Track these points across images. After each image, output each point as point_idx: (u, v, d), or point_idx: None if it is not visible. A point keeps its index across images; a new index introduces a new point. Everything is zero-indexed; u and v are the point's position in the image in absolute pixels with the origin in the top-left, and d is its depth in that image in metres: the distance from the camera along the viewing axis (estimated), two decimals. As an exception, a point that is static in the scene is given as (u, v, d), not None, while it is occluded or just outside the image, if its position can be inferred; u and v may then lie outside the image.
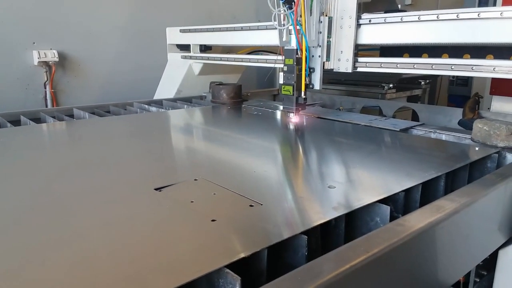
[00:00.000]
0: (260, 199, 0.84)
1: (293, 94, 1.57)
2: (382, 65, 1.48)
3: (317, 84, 1.57)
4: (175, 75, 2.44)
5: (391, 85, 2.38)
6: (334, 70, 1.59)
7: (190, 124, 1.72)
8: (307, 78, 1.56)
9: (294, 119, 1.65)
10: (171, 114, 1.91)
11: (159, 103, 2.22)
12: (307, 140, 1.44)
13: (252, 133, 1.55)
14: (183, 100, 2.30)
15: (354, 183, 0.96)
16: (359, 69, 1.55)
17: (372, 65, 1.51)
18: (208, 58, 2.27)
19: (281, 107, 1.88)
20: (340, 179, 0.98)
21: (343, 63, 1.56)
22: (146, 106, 2.12)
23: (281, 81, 1.60)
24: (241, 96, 2.23)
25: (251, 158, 1.19)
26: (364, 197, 0.85)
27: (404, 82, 2.57)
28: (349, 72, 1.56)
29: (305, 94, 1.58)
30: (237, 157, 1.20)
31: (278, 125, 1.72)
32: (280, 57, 1.62)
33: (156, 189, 0.90)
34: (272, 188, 0.93)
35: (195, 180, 0.95)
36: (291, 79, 1.56)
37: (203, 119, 1.83)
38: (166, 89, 2.44)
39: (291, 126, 1.62)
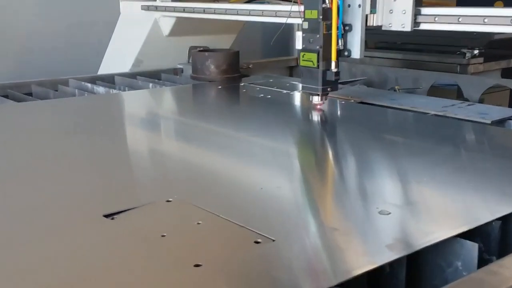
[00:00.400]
0: (271, 231, 0.84)
1: (318, 67, 1.57)
2: (460, 19, 1.48)
3: (356, 50, 1.57)
4: (132, 37, 2.45)
5: (476, 52, 2.39)
6: (383, 28, 1.60)
7: (159, 114, 1.73)
8: (340, 41, 1.56)
9: (321, 105, 1.66)
10: (129, 97, 1.91)
11: (109, 81, 2.22)
12: (343, 140, 1.45)
13: (257, 128, 1.55)
14: (147, 76, 2.30)
15: (419, 206, 0.97)
16: (423, 26, 1.56)
17: (444, 19, 1.52)
18: (184, 10, 2.29)
19: (300, 87, 1.89)
20: (397, 201, 0.99)
21: (397, 17, 1.57)
22: (89, 85, 2.12)
23: (299, 45, 1.62)
24: (239, 69, 2.23)
25: (256, 167, 1.21)
26: (436, 229, 0.86)
27: (496, 47, 2.57)
28: (408, 32, 1.56)
29: (337, 66, 1.58)
30: (234, 165, 1.23)
31: (297, 115, 1.72)
32: (296, 8, 1.63)
33: (106, 216, 0.90)
34: (289, 215, 0.94)
35: (168, 201, 0.97)
36: (314, 43, 1.57)
37: (179, 106, 1.84)
38: (117, 59, 2.45)
39: (317, 117, 1.64)
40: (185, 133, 1.55)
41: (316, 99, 1.64)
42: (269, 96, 1.91)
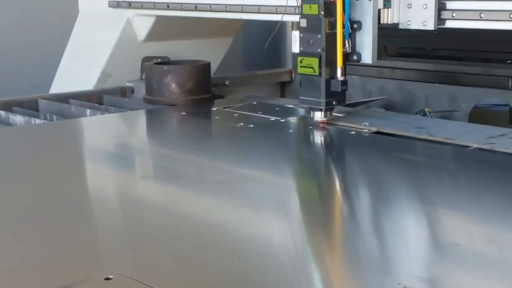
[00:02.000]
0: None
1: (320, 74, 1.59)
2: (511, 15, 1.44)
3: (367, 53, 1.59)
4: (97, 43, 2.35)
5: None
6: (400, 27, 1.60)
7: (99, 153, 1.67)
8: (347, 42, 1.58)
9: (323, 129, 1.67)
10: (57, 130, 1.86)
11: (30, 106, 2.11)
12: (351, 188, 1.38)
13: (232, 172, 1.48)
14: (84, 99, 2.18)
15: (456, 280, 0.89)
16: (449, 24, 1.55)
17: (480, 15, 1.49)
18: (168, 6, 2.21)
19: (292, 107, 1.93)
20: (427, 272, 0.93)
21: (417, 13, 1.57)
22: (3, 113, 2.01)
23: (295, 48, 1.65)
24: (210, 88, 2.14)
25: (233, 227, 1.14)
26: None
27: None
28: (433, 32, 1.55)
29: (343, 73, 1.59)
30: (200, 223, 1.14)
31: (290, 153, 1.64)
32: (293, 2, 1.67)
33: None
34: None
35: (107, 279, 0.89)
36: (315, 44, 1.59)
37: (127, 141, 1.80)
38: (77, 73, 2.37)
39: (319, 148, 1.64)
40: (133, 180, 1.47)
41: (318, 116, 1.66)
42: (252, 126, 1.81)
